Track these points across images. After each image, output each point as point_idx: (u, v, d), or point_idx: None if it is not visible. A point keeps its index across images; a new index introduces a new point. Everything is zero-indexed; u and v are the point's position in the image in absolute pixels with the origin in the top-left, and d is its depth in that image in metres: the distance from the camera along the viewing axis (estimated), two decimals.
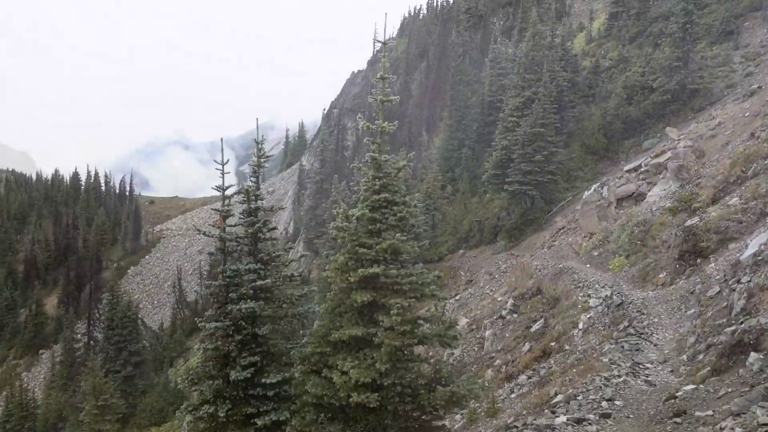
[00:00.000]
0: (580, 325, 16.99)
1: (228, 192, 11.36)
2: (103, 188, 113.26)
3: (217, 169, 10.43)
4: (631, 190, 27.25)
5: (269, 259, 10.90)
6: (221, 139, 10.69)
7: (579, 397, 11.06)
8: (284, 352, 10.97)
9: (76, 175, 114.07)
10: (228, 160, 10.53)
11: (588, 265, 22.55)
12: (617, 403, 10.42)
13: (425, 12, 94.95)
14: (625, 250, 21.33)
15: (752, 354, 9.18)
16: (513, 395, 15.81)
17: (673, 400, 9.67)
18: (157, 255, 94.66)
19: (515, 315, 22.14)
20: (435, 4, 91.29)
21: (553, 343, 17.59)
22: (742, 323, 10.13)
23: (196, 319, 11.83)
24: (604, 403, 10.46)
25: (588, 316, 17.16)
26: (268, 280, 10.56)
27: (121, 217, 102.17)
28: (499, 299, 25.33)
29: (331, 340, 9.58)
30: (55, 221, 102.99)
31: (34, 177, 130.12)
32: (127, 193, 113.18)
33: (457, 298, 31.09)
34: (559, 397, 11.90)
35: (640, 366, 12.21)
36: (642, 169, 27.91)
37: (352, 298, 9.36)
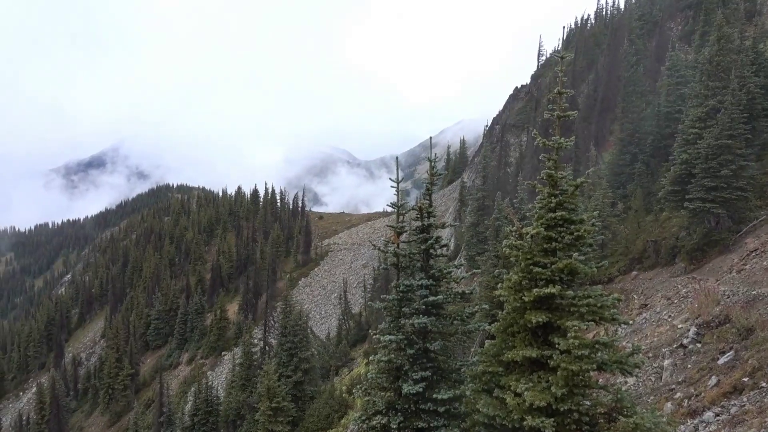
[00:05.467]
0: None
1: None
2: (278, 204, 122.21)
3: (392, 186, 10.81)
4: None
5: (440, 275, 11.03)
6: (396, 158, 11.08)
7: None
8: (454, 368, 11.00)
9: (255, 192, 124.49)
10: (403, 177, 10.86)
11: None
12: None
13: (593, 22, 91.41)
14: None
15: None
16: None
17: None
18: (325, 268, 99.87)
19: (698, 345, 20.18)
20: (604, 13, 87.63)
21: (746, 379, 15.78)
22: None
23: (370, 330, 12.27)
24: None
25: None
26: (440, 296, 10.69)
27: (293, 231, 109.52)
28: (679, 326, 23.29)
29: (503, 360, 9.41)
30: (237, 234, 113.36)
31: (220, 194, 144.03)
32: (299, 209, 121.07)
33: (630, 322, 29.12)
34: None
35: None
36: None
37: (526, 318, 9.14)
